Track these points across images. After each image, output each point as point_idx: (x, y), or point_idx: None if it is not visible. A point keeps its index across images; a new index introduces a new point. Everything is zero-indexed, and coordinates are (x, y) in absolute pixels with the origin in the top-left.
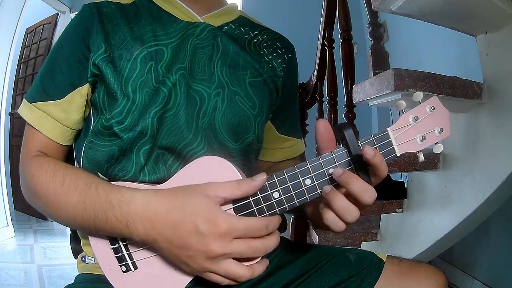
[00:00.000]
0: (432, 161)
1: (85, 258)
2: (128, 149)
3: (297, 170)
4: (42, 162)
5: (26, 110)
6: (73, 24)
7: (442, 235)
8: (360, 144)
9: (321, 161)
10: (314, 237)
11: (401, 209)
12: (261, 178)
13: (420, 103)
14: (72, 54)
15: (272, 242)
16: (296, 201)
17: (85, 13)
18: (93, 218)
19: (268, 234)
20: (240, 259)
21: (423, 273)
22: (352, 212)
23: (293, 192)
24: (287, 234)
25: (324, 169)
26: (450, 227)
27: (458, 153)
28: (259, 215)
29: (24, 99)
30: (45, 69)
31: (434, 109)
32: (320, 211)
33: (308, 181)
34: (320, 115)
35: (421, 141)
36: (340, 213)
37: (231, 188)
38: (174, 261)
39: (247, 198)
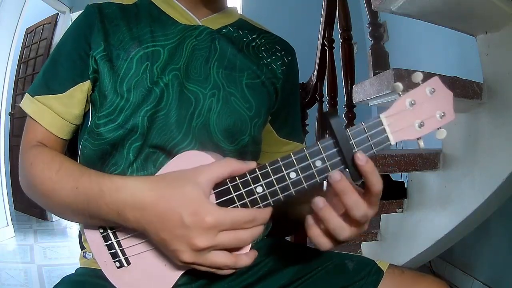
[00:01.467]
0: (432, 161)
1: (85, 253)
2: (120, 145)
3: (281, 163)
4: (40, 151)
5: (27, 103)
6: (76, 23)
7: (442, 235)
8: (349, 133)
9: (306, 152)
10: None
11: (401, 209)
12: (252, 162)
13: (420, 84)
14: (74, 50)
15: (258, 230)
16: (280, 195)
17: (87, 12)
18: (86, 205)
19: None
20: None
21: (424, 285)
22: (345, 231)
23: (277, 186)
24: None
25: (310, 161)
26: (450, 227)
27: (458, 153)
28: None
29: (26, 93)
30: (48, 64)
31: (434, 91)
32: (306, 228)
33: (293, 174)
34: (320, 115)
35: (420, 127)
36: (333, 231)
37: (220, 168)
38: (164, 252)
39: (229, 193)
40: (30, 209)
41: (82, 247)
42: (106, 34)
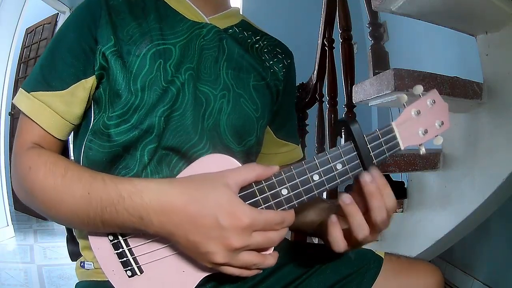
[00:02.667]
0: (432, 161)
1: (84, 263)
2: (132, 147)
3: (305, 166)
4: (40, 152)
5: (23, 99)
6: (78, 13)
7: (442, 235)
8: (366, 139)
9: (328, 156)
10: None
11: (401, 209)
12: (275, 166)
13: (420, 96)
14: (77, 43)
15: (285, 232)
16: (304, 197)
17: (92, 2)
18: (100, 213)
19: None
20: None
21: (421, 270)
22: (364, 230)
23: (301, 188)
24: (287, 234)
25: (331, 164)
26: (450, 227)
27: (458, 153)
28: None
29: (21, 88)
30: (46, 58)
31: (434, 102)
32: (329, 225)
33: (316, 177)
34: (320, 115)
35: (423, 134)
36: (355, 228)
37: (246, 172)
38: (190, 255)
39: (255, 196)
40: (30, 209)
41: (77, 256)
42: (114, 27)
